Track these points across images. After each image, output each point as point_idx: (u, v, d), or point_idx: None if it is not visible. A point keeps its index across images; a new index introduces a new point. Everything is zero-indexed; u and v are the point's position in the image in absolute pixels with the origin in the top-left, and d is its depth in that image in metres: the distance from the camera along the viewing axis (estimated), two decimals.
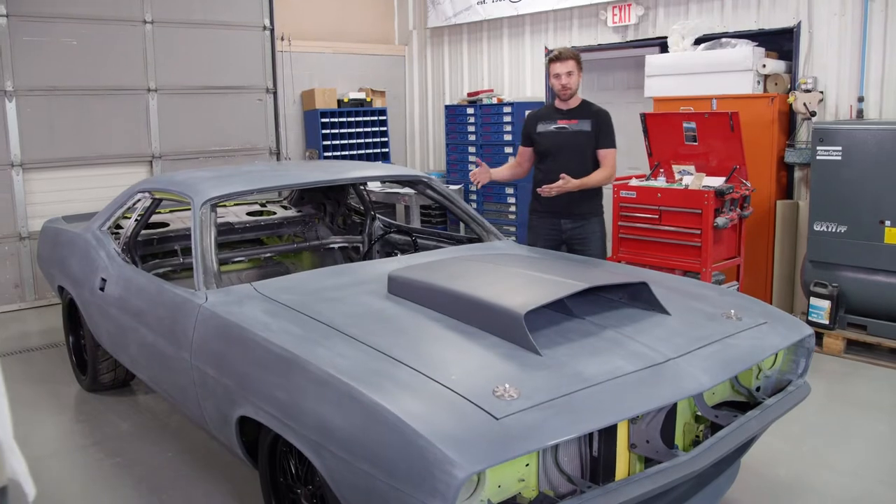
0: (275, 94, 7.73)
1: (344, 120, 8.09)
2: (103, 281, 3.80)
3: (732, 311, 2.80)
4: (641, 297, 2.78)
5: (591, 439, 2.23)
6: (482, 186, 4.44)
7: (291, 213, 5.08)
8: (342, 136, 8.09)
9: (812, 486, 3.27)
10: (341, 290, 2.98)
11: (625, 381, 2.23)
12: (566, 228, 4.33)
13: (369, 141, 8.29)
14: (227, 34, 7.34)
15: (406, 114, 9.18)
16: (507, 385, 2.09)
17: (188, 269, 3.83)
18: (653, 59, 6.08)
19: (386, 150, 8.40)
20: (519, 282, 2.79)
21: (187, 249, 4.43)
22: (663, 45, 6.24)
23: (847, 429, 3.83)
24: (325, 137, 7.97)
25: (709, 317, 2.76)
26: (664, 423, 2.37)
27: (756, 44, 5.56)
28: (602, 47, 6.93)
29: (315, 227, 5.11)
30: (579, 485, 2.15)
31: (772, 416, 2.57)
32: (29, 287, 6.57)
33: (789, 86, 5.56)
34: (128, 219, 4.17)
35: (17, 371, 4.91)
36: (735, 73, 5.53)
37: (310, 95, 8.03)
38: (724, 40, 5.73)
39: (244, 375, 2.58)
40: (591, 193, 4.28)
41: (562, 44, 7.15)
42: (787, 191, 5.68)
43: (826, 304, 4.90)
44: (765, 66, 5.49)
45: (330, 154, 8.00)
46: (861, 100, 5.23)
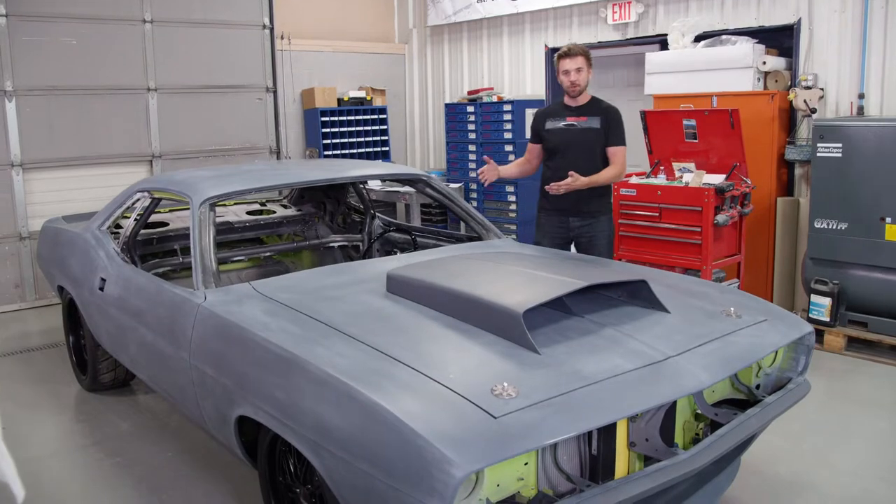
0: (275, 92, 7.72)
1: (344, 119, 8.09)
2: (103, 281, 3.80)
3: (732, 308, 2.79)
4: (641, 295, 2.77)
5: (591, 438, 2.22)
6: (489, 184, 4.42)
7: (291, 211, 5.07)
8: (342, 135, 8.09)
9: (812, 484, 3.26)
10: (340, 290, 2.97)
11: (624, 380, 2.22)
12: (574, 226, 4.29)
13: (369, 139, 8.28)
14: (227, 33, 7.34)
15: (406, 112, 9.17)
16: (505, 384, 2.09)
17: (187, 268, 3.83)
18: (653, 57, 6.07)
19: (386, 149, 8.40)
20: (518, 280, 2.78)
21: (186, 249, 4.42)
22: (663, 43, 6.23)
23: (847, 426, 3.83)
24: (325, 136, 7.97)
25: (708, 314, 2.76)
26: (664, 422, 2.37)
27: (756, 41, 5.55)
28: (602, 45, 6.92)
29: (315, 226, 5.11)
30: (578, 483, 2.15)
31: (772, 413, 2.57)
32: (29, 287, 6.57)
33: (789, 83, 5.55)
34: (127, 218, 4.17)
35: (18, 371, 4.91)
36: (735, 71, 5.52)
37: (310, 94, 8.03)
38: (724, 37, 5.73)
39: (243, 375, 2.58)
40: (600, 191, 4.24)
41: (562, 42, 7.13)
42: (787, 188, 5.67)
43: (827, 301, 4.90)
44: (765, 63, 5.48)
45: (330, 153, 8.00)
46: (861, 96, 5.22)
